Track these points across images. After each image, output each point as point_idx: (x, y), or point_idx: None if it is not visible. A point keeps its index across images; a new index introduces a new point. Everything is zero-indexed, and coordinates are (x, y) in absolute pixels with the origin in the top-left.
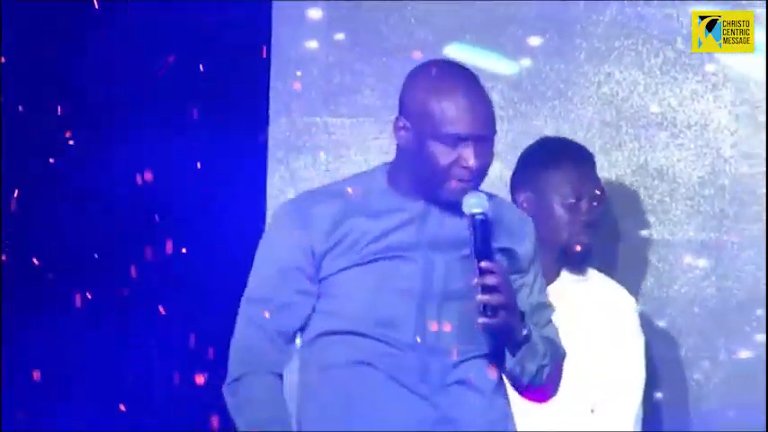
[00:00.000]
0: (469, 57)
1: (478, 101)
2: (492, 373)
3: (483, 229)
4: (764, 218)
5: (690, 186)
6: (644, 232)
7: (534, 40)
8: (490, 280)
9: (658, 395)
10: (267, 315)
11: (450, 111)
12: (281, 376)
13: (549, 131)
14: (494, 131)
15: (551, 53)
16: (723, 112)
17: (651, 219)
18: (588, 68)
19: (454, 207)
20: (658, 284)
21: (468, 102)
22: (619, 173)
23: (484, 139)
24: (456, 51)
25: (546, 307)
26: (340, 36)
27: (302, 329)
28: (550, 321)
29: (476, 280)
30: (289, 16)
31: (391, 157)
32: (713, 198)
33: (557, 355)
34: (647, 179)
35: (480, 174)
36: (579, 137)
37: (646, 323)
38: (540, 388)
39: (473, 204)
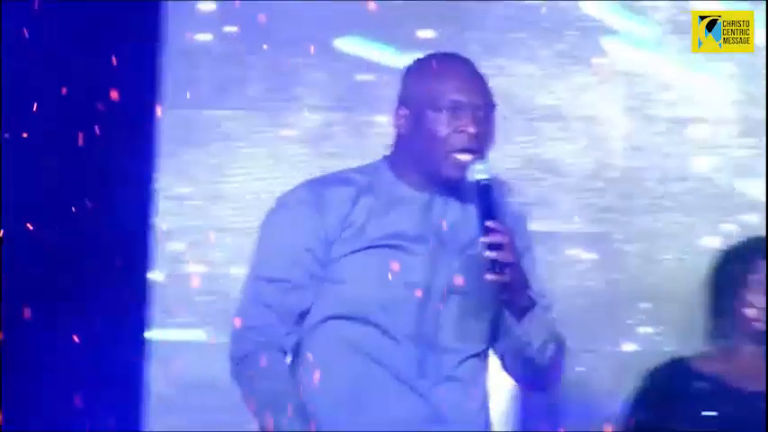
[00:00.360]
0: (360, 50)
1: (474, 75)
2: (482, 372)
3: (488, 194)
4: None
5: (578, 179)
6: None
7: (425, 33)
8: (496, 237)
9: None
10: (278, 295)
11: (448, 83)
12: (286, 354)
13: None
14: (492, 103)
15: (443, 46)
16: (613, 105)
17: (539, 211)
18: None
19: (461, 198)
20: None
21: (464, 74)
22: (508, 165)
23: (482, 108)
24: (346, 44)
25: (544, 296)
26: (232, 29)
27: (307, 312)
28: (550, 310)
29: (482, 238)
30: (180, 9)
31: (283, 151)
32: (601, 191)
33: (560, 340)
34: (536, 171)
35: (482, 143)
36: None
37: None
38: (543, 371)
39: (479, 170)
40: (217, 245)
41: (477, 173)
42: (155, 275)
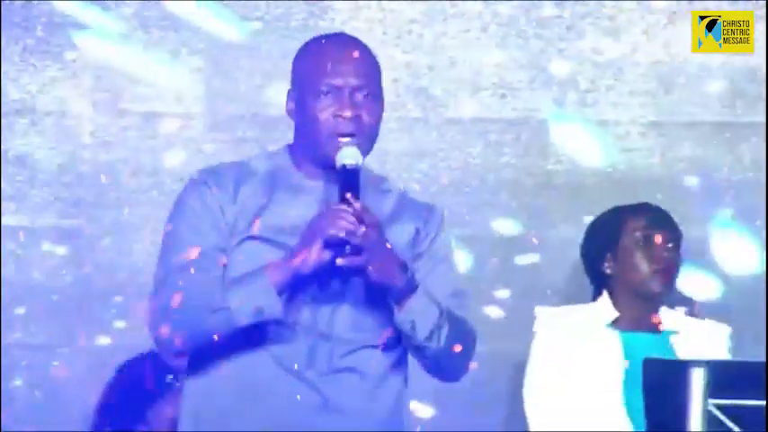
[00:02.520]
0: None
1: (355, 56)
2: (383, 363)
3: (350, 179)
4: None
5: (49, 173)
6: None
7: None
8: (346, 218)
9: None
10: (196, 263)
11: (326, 64)
12: None
13: None
14: (374, 86)
15: None
16: (82, 99)
17: (11, 206)
18: None
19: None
20: (18, 271)
21: (342, 54)
22: None
23: (361, 90)
24: None
25: (457, 296)
26: None
27: None
28: (462, 310)
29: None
30: None
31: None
32: (72, 185)
33: (463, 328)
34: (8, 166)
35: (363, 129)
36: None
37: (5, 311)
38: (441, 358)
39: (345, 155)
40: None
41: (344, 157)
42: None
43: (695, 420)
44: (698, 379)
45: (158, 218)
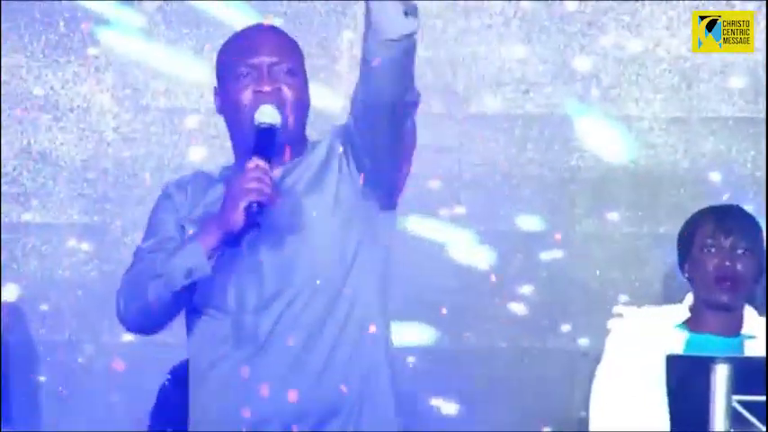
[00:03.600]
0: None
1: (269, 36)
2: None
3: (266, 137)
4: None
5: (73, 170)
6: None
7: None
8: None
9: None
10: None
11: (241, 48)
12: None
13: None
14: (294, 63)
15: None
16: (105, 95)
17: (35, 202)
18: None
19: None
20: (42, 268)
21: (256, 37)
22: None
23: (278, 65)
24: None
25: None
26: None
27: None
28: None
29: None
30: None
31: None
32: (96, 182)
33: None
34: (31, 162)
35: (285, 101)
36: None
37: (29, 308)
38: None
39: (261, 112)
40: None
41: (260, 115)
42: None
43: (719, 417)
44: (722, 375)
45: None
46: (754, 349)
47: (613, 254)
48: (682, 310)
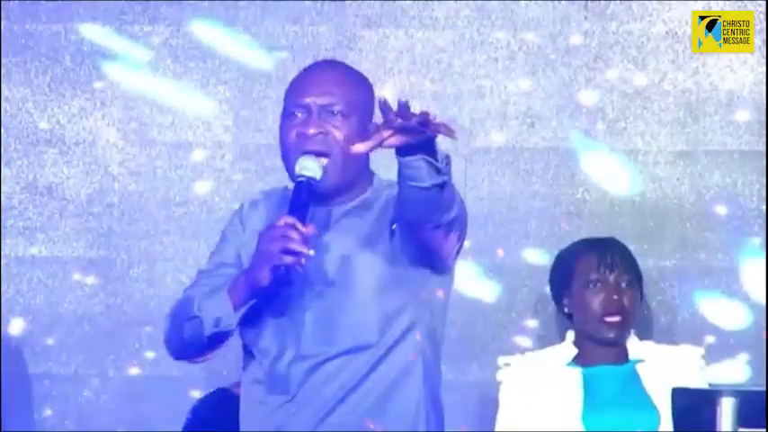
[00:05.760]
0: None
1: (326, 75)
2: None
3: (301, 192)
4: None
5: (78, 203)
6: (32, 249)
7: None
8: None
9: None
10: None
11: (296, 84)
12: None
13: None
14: (348, 103)
15: None
16: (111, 129)
17: (41, 236)
18: None
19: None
20: (47, 302)
21: (311, 74)
22: (7, 190)
23: (330, 107)
24: None
25: None
26: None
27: None
28: None
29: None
30: None
31: None
32: (101, 215)
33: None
34: (36, 196)
35: (324, 143)
36: None
37: (35, 342)
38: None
39: (300, 166)
40: None
41: (300, 168)
42: None
43: None
44: (727, 408)
45: (188, 248)
46: (646, 371)
47: None
48: (567, 349)
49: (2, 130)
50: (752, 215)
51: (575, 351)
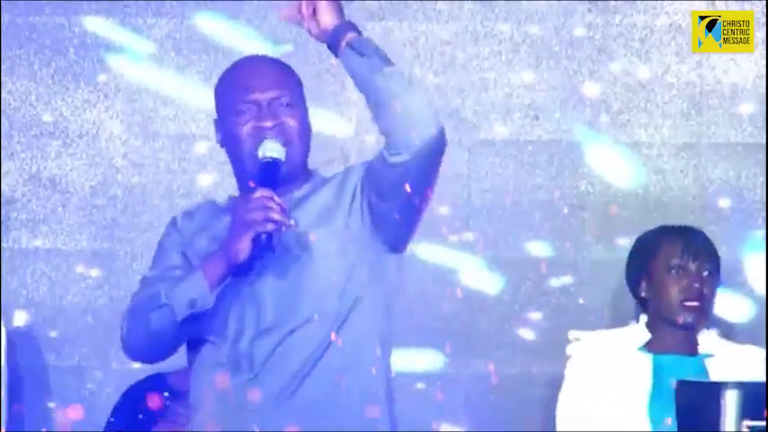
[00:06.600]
0: None
1: (264, 67)
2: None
3: (271, 170)
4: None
5: (82, 196)
6: (36, 242)
7: None
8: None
9: None
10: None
11: (241, 82)
12: None
13: None
14: (294, 95)
15: None
16: (114, 122)
17: (44, 228)
18: None
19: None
20: (51, 294)
21: (251, 68)
22: (10, 182)
23: (279, 99)
24: None
25: None
26: None
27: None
28: None
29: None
30: None
31: None
32: (105, 208)
33: None
34: (40, 189)
35: (283, 133)
36: None
37: (38, 333)
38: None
39: (265, 147)
40: None
41: (264, 150)
42: None
43: None
44: (732, 401)
45: None
46: (715, 367)
47: (622, 280)
48: (641, 332)
49: (5, 123)
50: (755, 208)
51: (648, 335)
